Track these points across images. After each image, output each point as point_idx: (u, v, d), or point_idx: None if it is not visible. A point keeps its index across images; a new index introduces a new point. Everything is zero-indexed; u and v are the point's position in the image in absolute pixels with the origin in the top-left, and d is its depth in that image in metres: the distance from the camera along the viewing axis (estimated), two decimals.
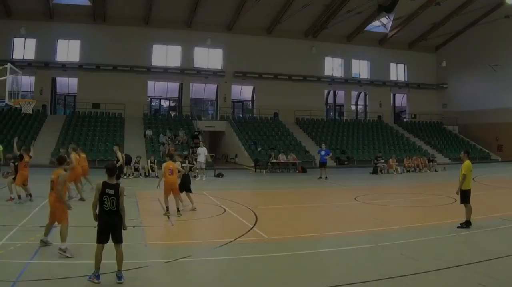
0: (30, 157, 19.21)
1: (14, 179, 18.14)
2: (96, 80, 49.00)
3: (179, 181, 17.08)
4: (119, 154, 22.02)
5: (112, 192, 9.01)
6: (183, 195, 17.28)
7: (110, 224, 9.02)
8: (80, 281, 8.84)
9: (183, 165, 19.91)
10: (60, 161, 11.61)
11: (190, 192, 17.73)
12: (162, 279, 9.50)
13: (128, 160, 31.19)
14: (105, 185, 9.09)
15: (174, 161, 17.09)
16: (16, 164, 18.47)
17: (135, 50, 50.67)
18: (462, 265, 10.20)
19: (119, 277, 8.76)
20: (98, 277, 8.68)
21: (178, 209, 16.24)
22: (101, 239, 8.98)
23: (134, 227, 13.78)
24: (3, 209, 16.80)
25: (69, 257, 10.19)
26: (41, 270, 9.36)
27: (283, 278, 9.43)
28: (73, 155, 19.39)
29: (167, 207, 16.32)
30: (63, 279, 9.06)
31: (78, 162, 19.61)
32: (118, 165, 20.25)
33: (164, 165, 16.75)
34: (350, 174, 38.05)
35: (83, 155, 21.91)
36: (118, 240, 9.03)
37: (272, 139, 47.65)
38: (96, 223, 9.19)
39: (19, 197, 18.14)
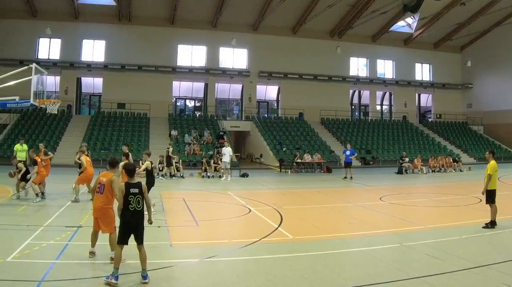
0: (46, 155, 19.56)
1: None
2: (121, 80, 49.50)
3: (144, 180, 16.85)
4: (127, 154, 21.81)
5: (136, 190, 9.10)
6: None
7: (134, 225, 9.06)
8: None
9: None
10: (113, 163, 11.17)
11: None
12: (188, 279, 9.51)
13: (169, 162, 31.65)
14: (128, 185, 9.18)
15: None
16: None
17: (160, 50, 51.08)
18: (487, 265, 10.19)
19: (144, 277, 8.81)
20: (116, 278, 8.67)
21: None
22: (124, 240, 9.08)
23: (159, 227, 13.92)
24: (28, 209, 17.03)
25: (122, 262, 9.68)
26: (67, 271, 9.38)
27: (308, 278, 9.45)
28: (83, 157, 19.09)
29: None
30: (89, 279, 9.15)
31: (90, 163, 19.27)
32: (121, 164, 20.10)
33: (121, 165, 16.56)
34: (375, 174, 37.82)
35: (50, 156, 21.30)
36: (141, 241, 9.08)
37: (297, 139, 47.64)
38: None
39: (37, 195, 18.40)
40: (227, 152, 31.23)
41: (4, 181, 17.44)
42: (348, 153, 33.48)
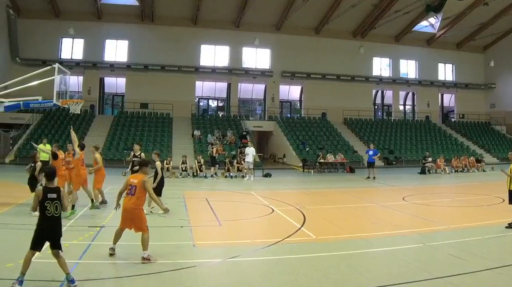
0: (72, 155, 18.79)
1: None
2: (144, 80, 49.93)
3: (155, 184, 16.17)
4: (142, 155, 21.52)
5: (54, 195, 8.69)
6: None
7: (52, 230, 8.65)
8: (129, 281, 9.04)
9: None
10: (143, 165, 11.28)
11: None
12: (211, 279, 9.55)
13: (213, 161, 32.00)
14: (45, 189, 8.79)
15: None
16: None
17: (183, 50, 51.42)
18: (511, 265, 10.17)
19: (71, 281, 8.44)
20: (21, 282, 8.19)
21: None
22: (37, 246, 8.59)
23: (182, 227, 14.05)
24: None
25: (153, 262, 10.04)
26: (89, 271, 9.39)
27: (331, 278, 9.48)
28: (98, 155, 18.56)
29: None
30: (112, 279, 9.25)
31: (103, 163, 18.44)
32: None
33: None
34: (398, 173, 37.75)
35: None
36: (56, 246, 8.63)
37: (320, 139, 47.63)
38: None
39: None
40: (250, 152, 31.38)
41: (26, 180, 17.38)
42: (371, 152, 33.41)
